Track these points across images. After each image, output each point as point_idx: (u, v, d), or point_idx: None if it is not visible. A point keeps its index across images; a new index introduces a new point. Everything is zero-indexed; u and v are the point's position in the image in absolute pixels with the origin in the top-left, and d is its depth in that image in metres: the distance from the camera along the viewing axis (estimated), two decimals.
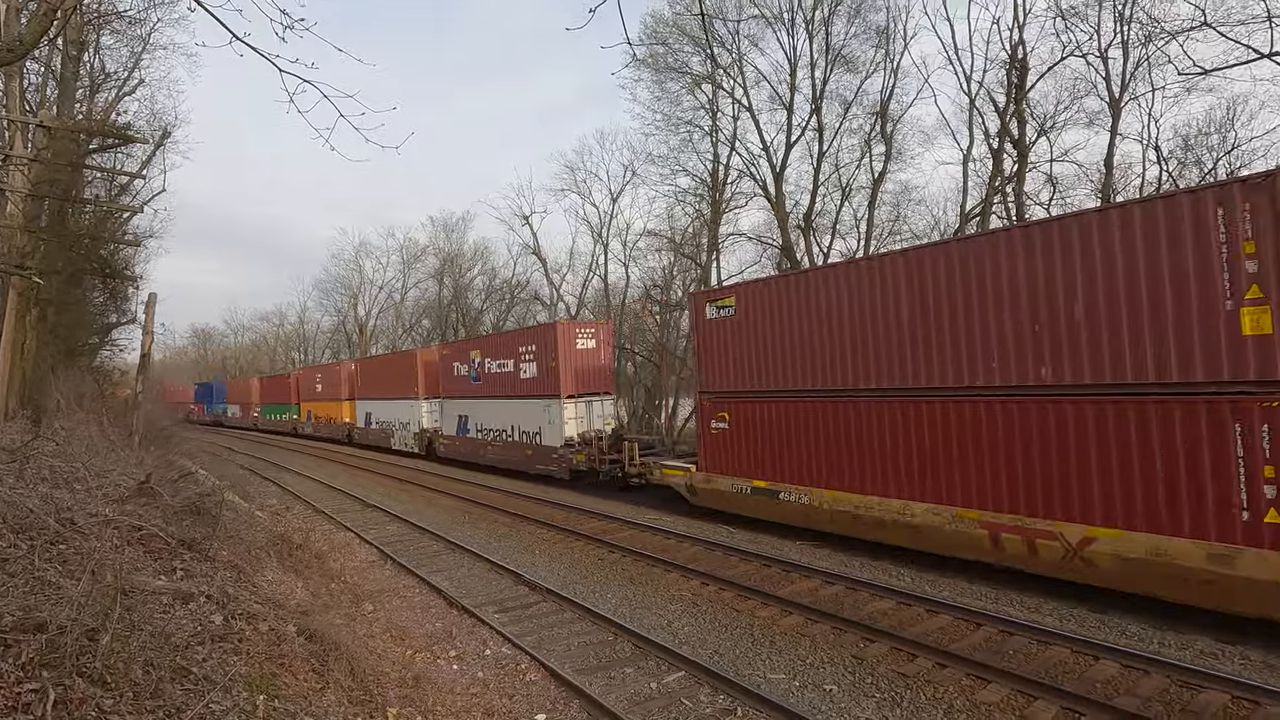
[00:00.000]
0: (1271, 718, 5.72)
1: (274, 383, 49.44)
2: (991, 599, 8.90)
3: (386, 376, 30.80)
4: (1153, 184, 20.92)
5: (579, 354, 19.65)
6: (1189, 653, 7.05)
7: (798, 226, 26.91)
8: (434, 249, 56.44)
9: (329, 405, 38.15)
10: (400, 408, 29.44)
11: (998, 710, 6.13)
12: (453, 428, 25.01)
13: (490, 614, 9.10)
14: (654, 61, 29.11)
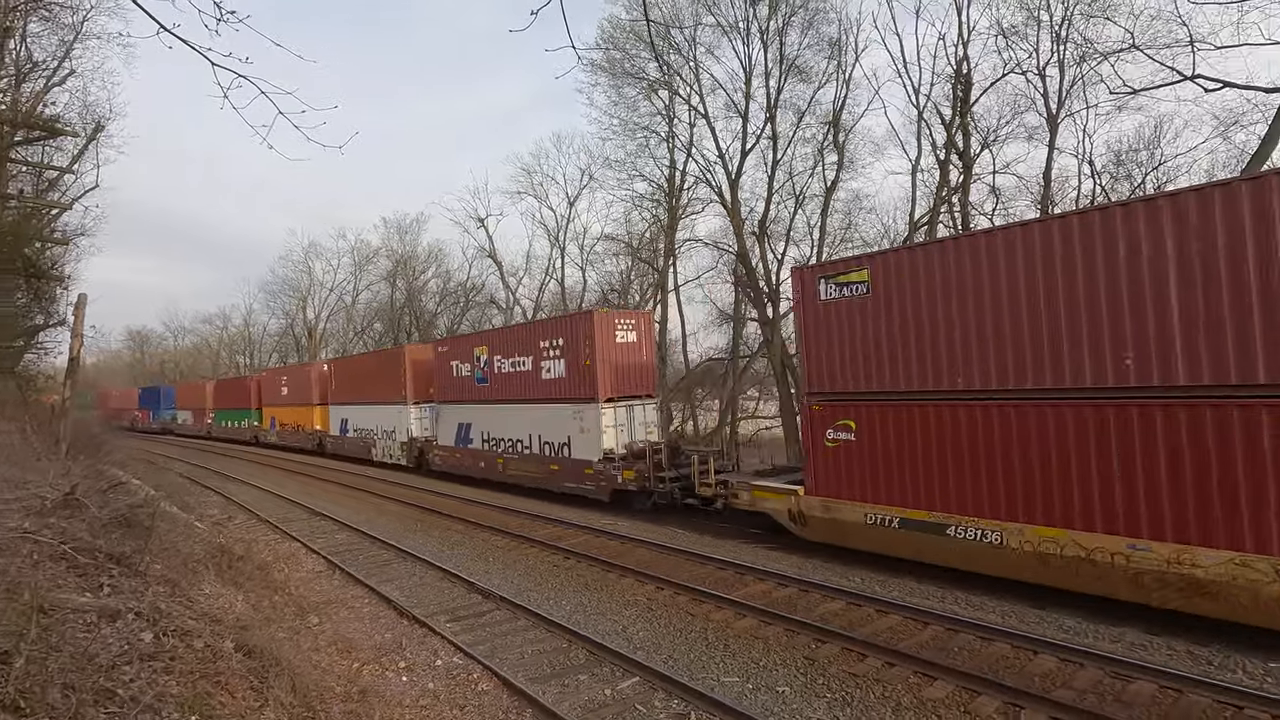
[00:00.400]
0: (1194, 705, 6.01)
1: (231, 386, 45.75)
2: (939, 598, 9.13)
3: (367, 378, 27.35)
4: (1087, 197, 21.91)
5: (619, 349, 16.56)
6: (1121, 645, 7.36)
7: (753, 233, 27.27)
8: (387, 251, 55.32)
9: (296, 411, 34.46)
10: (384, 413, 26.15)
11: (943, 706, 6.28)
12: (450, 437, 21.80)
13: (442, 623, 8.91)
14: (611, 66, 29.17)
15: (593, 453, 16.17)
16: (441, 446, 22.34)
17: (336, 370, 30.93)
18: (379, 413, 26.48)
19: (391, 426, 25.60)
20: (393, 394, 25.32)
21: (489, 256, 45.59)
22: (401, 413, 24.92)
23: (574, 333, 16.85)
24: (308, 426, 32.97)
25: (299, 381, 34.56)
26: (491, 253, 45.31)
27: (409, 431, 24.56)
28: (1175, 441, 7.44)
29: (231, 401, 43.69)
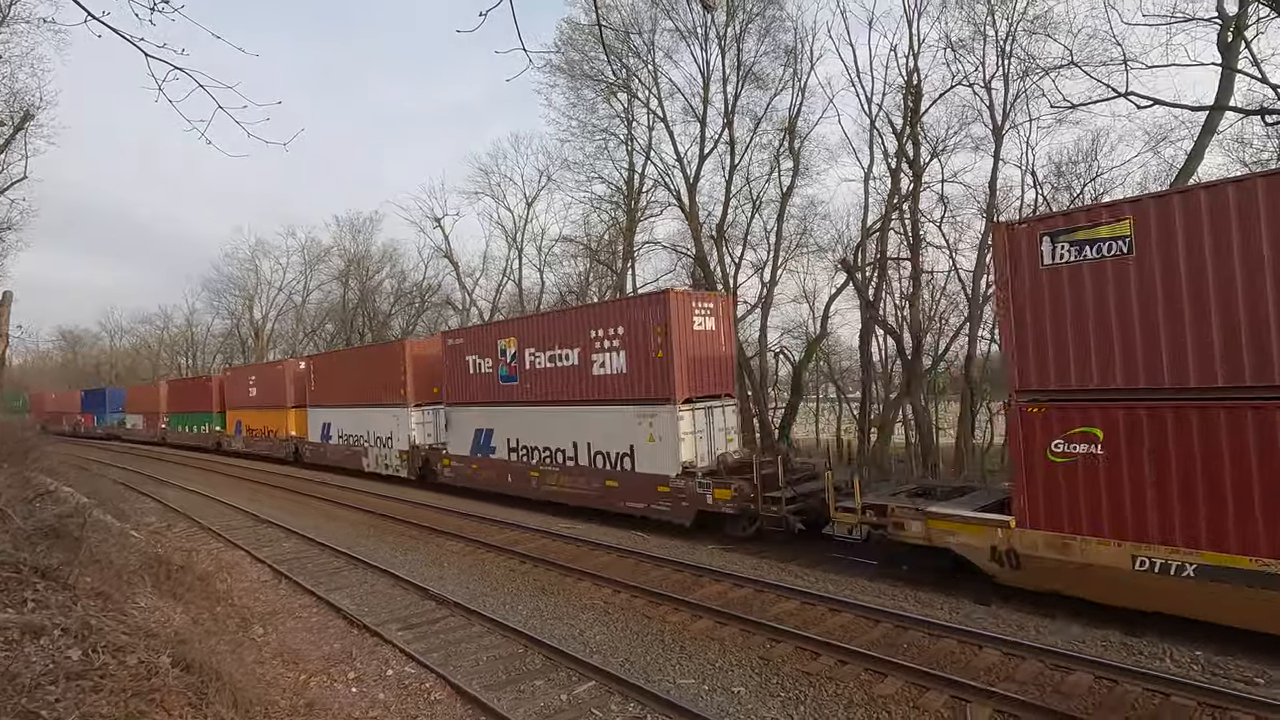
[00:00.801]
0: (1126, 694, 6.28)
1: (188, 387, 41.10)
2: (889, 596, 9.34)
3: (357, 377, 23.94)
4: (1030, 207, 22.76)
5: (696, 338, 13.70)
6: (1060, 638, 7.64)
7: (710, 237, 27.49)
8: (339, 250, 53.93)
9: (267, 415, 30.66)
10: (378, 417, 22.76)
11: (893, 702, 6.42)
12: (465, 445, 18.64)
13: (394, 631, 8.71)
14: (569, 68, 29.05)
15: (667, 465, 13.22)
16: (454, 456, 19.10)
17: (318, 368, 27.12)
18: (372, 416, 23.11)
19: (387, 432, 22.43)
20: (389, 395, 22.07)
21: (445, 257, 44.94)
22: (400, 416, 21.66)
23: (640, 318, 13.73)
24: (281, 432, 29.44)
25: (270, 381, 30.50)
26: (448, 253, 44.66)
27: (410, 438, 21.32)
28: None
29: (189, 404, 39.59)
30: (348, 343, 47.49)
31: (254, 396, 31.80)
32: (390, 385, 22.09)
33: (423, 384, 21.24)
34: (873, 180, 24.96)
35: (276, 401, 29.71)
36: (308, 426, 27.25)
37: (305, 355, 29.72)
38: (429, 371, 20.87)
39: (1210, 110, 17.00)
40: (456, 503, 17.84)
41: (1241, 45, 16.64)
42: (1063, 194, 22.78)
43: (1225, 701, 5.97)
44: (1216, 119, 17.14)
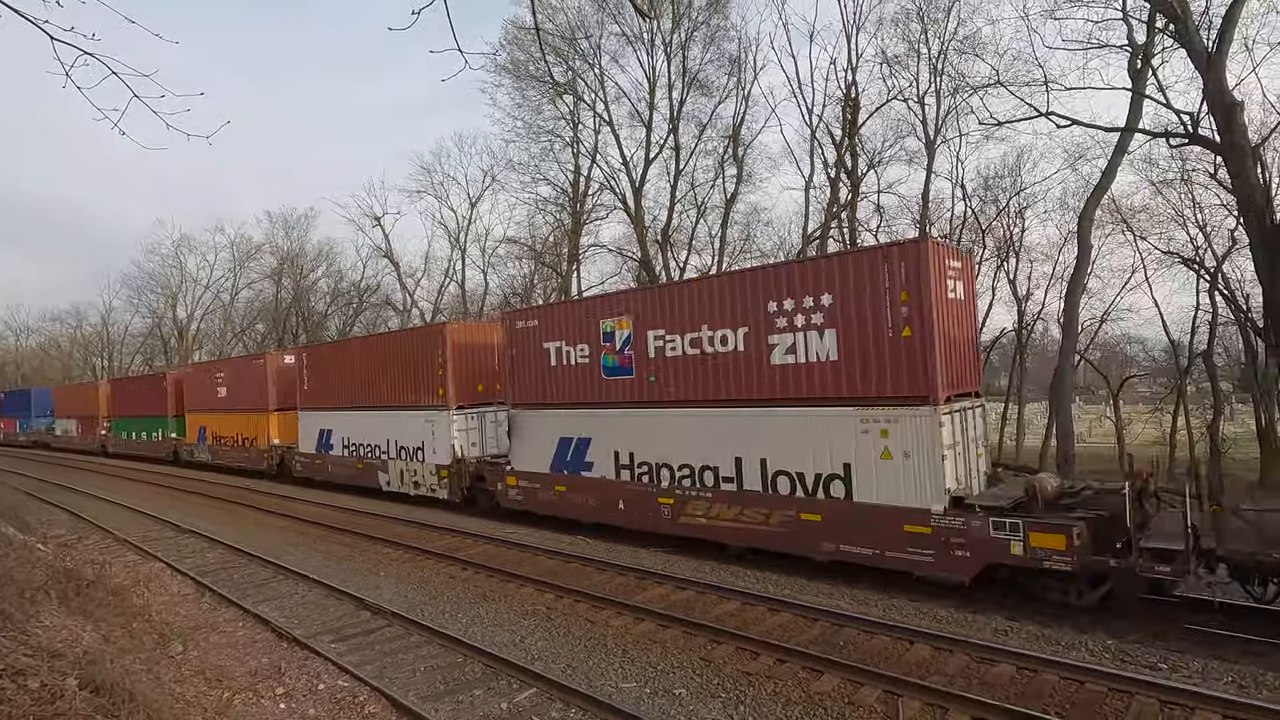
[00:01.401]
0: (1045, 682, 6.61)
1: (136, 387, 35.20)
2: (827, 594, 9.56)
3: (370, 373, 19.42)
4: (960, 218, 23.80)
5: (949, 310, 9.69)
6: (986, 631, 7.99)
7: (656, 241, 27.67)
8: (271, 247, 51.91)
9: (242, 419, 25.75)
10: (404, 423, 18.17)
11: (829, 699, 6.57)
12: (542, 459, 14.26)
13: (326, 644, 8.40)
14: (515, 68, 28.80)
15: (918, 495, 9.25)
16: (525, 474, 14.69)
17: (313, 363, 22.14)
18: (395, 421, 18.55)
19: (417, 441, 17.78)
20: (421, 395, 17.66)
21: (385, 256, 43.85)
22: (438, 422, 17.14)
23: (866, 280, 9.65)
24: (260, 440, 24.70)
25: (246, 379, 25.57)
26: (388, 252, 43.57)
27: (453, 449, 16.80)
28: None
29: (137, 407, 33.84)
30: (280, 344, 45.60)
31: (223, 397, 26.84)
32: (423, 382, 17.51)
33: (467, 380, 17.12)
34: (813, 189, 25.65)
35: (254, 403, 24.86)
36: (298, 433, 22.51)
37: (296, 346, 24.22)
38: (475, 364, 17.20)
39: (1122, 132, 18.14)
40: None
41: (1149, 72, 17.83)
42: (990, 206, 23.93)
43: (1131, 686, 6.35)
44: (1128, 140, 18.31)
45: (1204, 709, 5.93)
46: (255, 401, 24.90)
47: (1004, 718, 5.98)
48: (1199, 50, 15.03)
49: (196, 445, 29.02)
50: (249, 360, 26.97)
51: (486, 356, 17.34)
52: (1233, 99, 14.73)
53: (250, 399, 25.22)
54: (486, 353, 17.39)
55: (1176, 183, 20.97)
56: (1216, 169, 18.14)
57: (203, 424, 28.63)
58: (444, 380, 16.95)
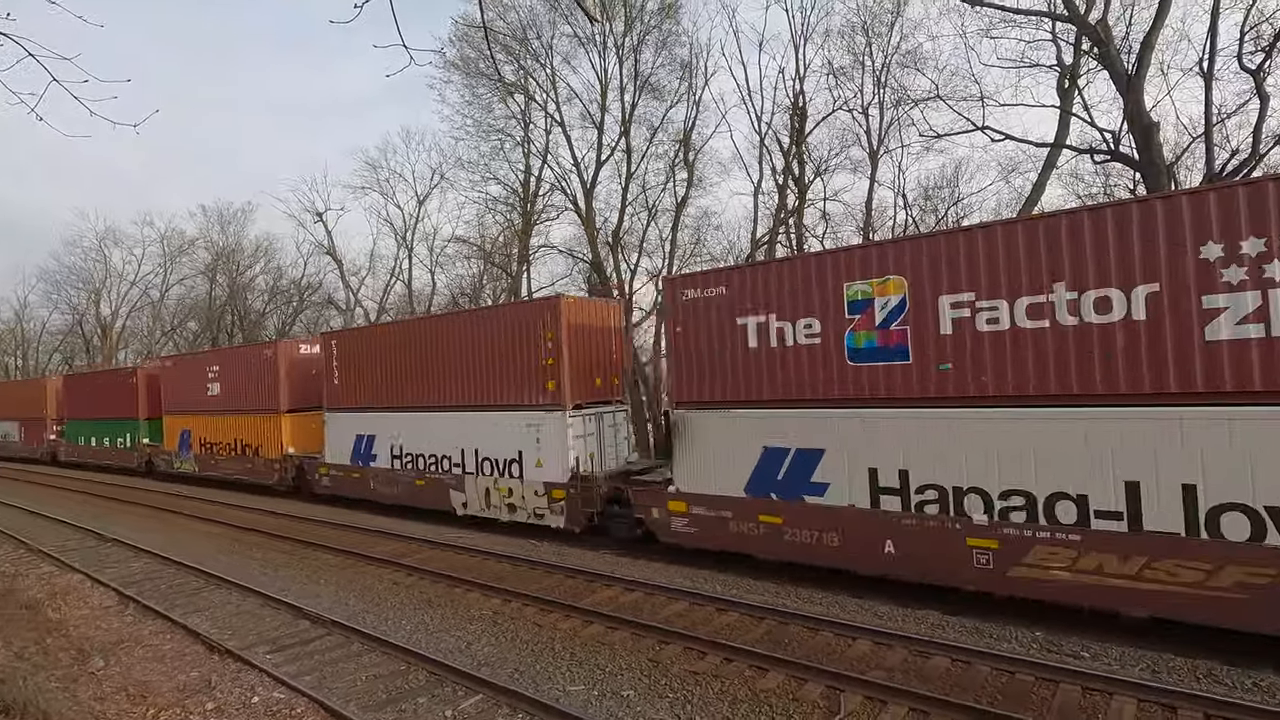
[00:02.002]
0: (978, 674, 6.89)
1: (96, 384, 29.84)
2: (774, 594, 9.72)
3: (444, 361, 15.09)
4: (901, 226, 24.59)
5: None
6: (923, 626, 8.26)
7: (607, 243, 27.67)
8: (205, 242, 49.69)
9: (242, 423, 21.27)
10: (491, 427, 14.08)
11: (774, 696, 6.69)
12: (733, 476, 10.50)
13: (261, 655, 8.08)
14: (465, 65, 28.39)
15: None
16: (702, 498, 10.79)
17: (347, 352, 17.55)
18: (477, 425, 14.34)
19: (511, 451, 13.71)
20: (520, 389, 13.54)
21: (328, 254, 42.51)
22: (546, 426, 13.09)
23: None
24: (268, 448, 20.41)
25: (249, 374, 21.02)
26: (331, 250, 42.29)
27: (568, 462, 12.83)
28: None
29: (97, 407, 28.73)
30: (214, 343, 43.70)
31: (216, 396, 22.42)
32: (523, 374, 13.50)
33: (586, 372, 13.36)
34: (762, 195, 26.10)
35: (260, 403, 20.52)
36: (324, 440, 18.21)
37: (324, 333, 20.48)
38: (592, 351, 13.60)
39: (1051, 147, 19.08)
40: None
41: (1076, 92, 18.81)
42: (929, 215, 24.82)
43: (1057, 675, 6.68)
44: (1056, 155, 19.26)
45: (1120, 693, 6.28)
46: (261, 401, 20.48)
47: (938, 708, 6.20)
48: (1120, 72, 15.95)
49: (178, 454, 24.28)
50: (253, 351, 21.85)
51: (602, 342, 13.76)
52: (1150, 119, 15.69)
53: (254, 398, 20.79)
54: (602, 337, 13.73)
55: (1100, 197, 22.19)
56: (1136, 185, 19.25)
57: (186, 427, 23.92)
58: (557, 371, 12.86)
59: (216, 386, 22.53)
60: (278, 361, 19.99)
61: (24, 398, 35.69)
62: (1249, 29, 15.57)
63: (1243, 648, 6.92)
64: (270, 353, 20.48)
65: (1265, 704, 5.99)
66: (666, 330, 11.18)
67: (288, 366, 19.96)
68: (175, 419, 24.49)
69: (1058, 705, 6.24)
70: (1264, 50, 15.20)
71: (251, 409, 20.92)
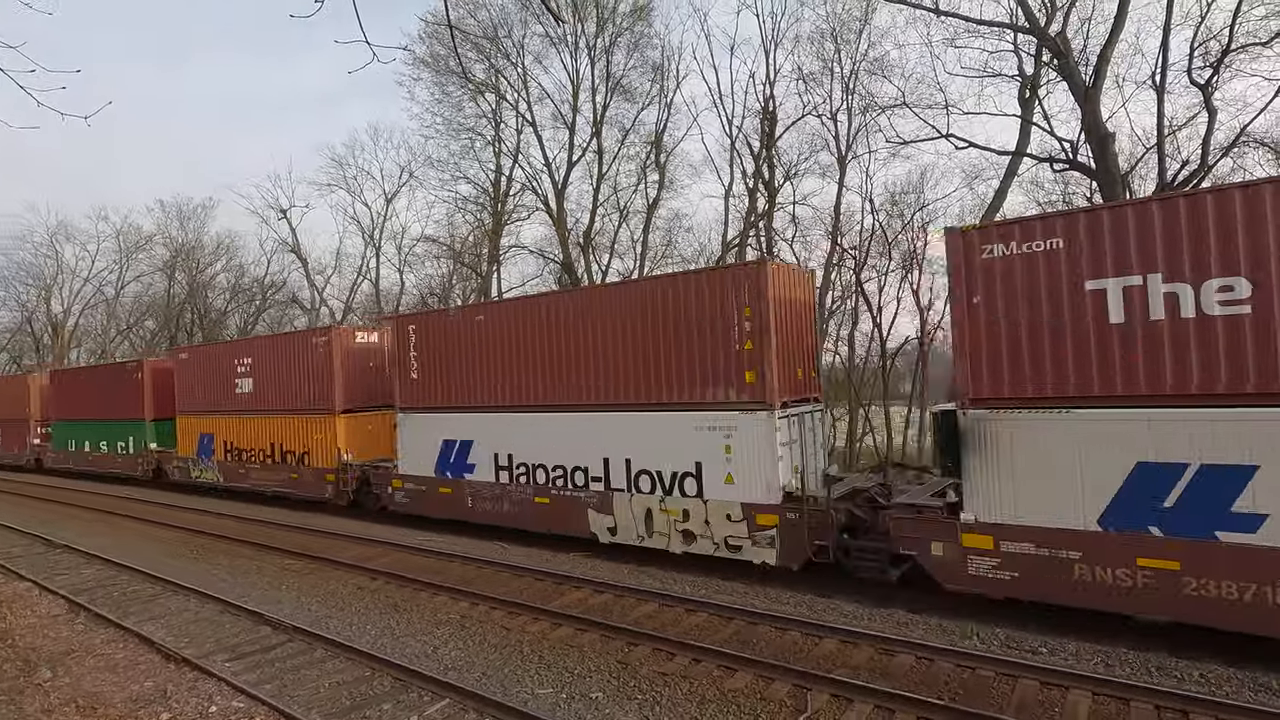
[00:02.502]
0: (940, 670, 7.03)
1: (93, 380, 25.87)
2: (742, 594, 9.78)
3: (582, 346, 11.95)
4: (868, 231, 24.98)
5: None
6: (889, 624, 8.39)
7: (578, 244, 27.61)
8: (164, 238, 48.21)
9: (282, 425, 17.93)
10: (655, 431, 11.14)
11: (743, 695, 6.73)
12: (1083, 502, 7.54)
13: (220, 663, 7.87)
14: (434, 63, 28.09)
15: None
16: (1030, 531, 7.85)
17: (430, 338, 14.20)
18: (635, 427, 11.33)
19: (685, 462, 10.80)
20: (702, 384, 10.61)
21: (292, 251, 41.64)
22: (742, 430, 10.22)
23: None
24: (316, 456, 17.05)
25: (293, 365, 17.74)
26: (295, 247, 41.44)
27: (777, 477, 10.02)
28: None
29: (93, 407, 25.11)
30: (173, 342, 42.44)
31: (247, 394, 19.01)
32: (704, 363, 10.55)
33: (787, 358, 10.52)
34: (732, 198, 26.30)
35: (308, 402, 17.23)
36: (397, 446, 14.90)
37: (399, 315, 16.82)
38: (794, 330, 10.81)
39: (1012, 155, 19.57)
40: None
41: (1036, 102, 19.33)
42: (896, 220, 25.27)
43: (1016, 670, 6.84)
44: (1017, 163, 19.76)
45: (1076, 687, 6.46)
46: (309, 399, 17.15)
47: (902, 705, 6.30)
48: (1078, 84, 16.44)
49: (197, 461, 20.60)
50: (299, 340, 18.21)
51: (801, 320, 11.08)
52: (1106, 130, 16.20)
53: (299, 396, 17.50)
54: (802, 314, 11.13)
55: (1059, 204, 22.84)
56: (1092, 193, 19.87)
57: (208, 431, 20.24)
58: (758, 358, 10.01)
59: (248, 382, 19.01)
60: (332, 352, 16.62)
61: (2, 396, 31.77)
62: (1198, 45, 16.18)
63: (1191, 641, 7.18)
64: (323, 341, 17.01)
65: (1211, 694, 6.22)
66: (956, 299, 8.34)
67: (343, 357, 16.76)
68: (192, 420, 20.90)
69: (1017, 699, 6.39)
70: (1212, 66, 15.81)
71: (295, 409, 17.61)
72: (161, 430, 22.68)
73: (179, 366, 21.54)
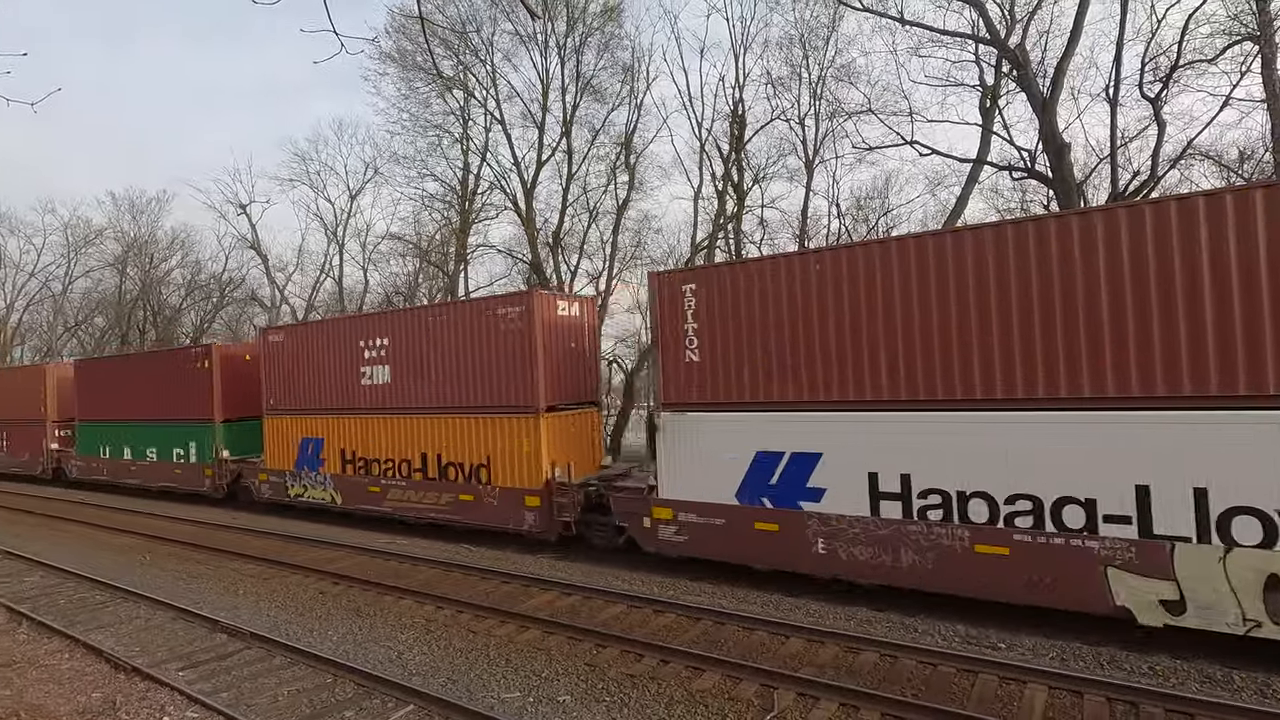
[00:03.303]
0: (904, 667, 7.15)
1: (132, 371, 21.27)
2: (709, 594, 9.83)
3: (1089, 310, 7.44)
4: (835, 235, 25.35)
5: None
6: (853, 622, 8.51)
7: (547, 244, 27.44)
8: (115, 232, 46.50)
9: (444, 428, 13.57)
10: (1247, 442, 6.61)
11: (710, 695, 6.76)
12: None
13: (173, 672, 7.61)
14: (401, 57, 27.65)
15: None
16: None
17: (737, 298, 9.92)
18: (1205, 437, 6.87)
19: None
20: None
21: (252, 248, 40.56)
22: None
23: None
24: (506, 470, 12.69)
25: (460, 347, 13.36)
26: (255, 244, 40.37)
27: None
28: None
29: (133, 405, 20.59)
30: (123, 340, 40.98)
31: (380, 386, 14.51)
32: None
33: None
34: (701, 200, 26.41)
35: (487, 396, 12.91)
36: (664, 462, 10.62)
37: (669, 272, 11.15)
38: None
39: (973, 163, 20.06)
40: None
41: (996, 111, 19.85)
42: (861, 225, 25.70)
43: (976, 666, 7.00)
44: (978, 171, 20.26)
45: (1033, 681, 6.64)
46: (491, 392, 12.83)
47: (867, 702, 6.40)
48: (1036, 95, 16.93)
49: (299, 475, 16.06)
50: (472, 310, 13.40)
51: None
52: (1063, 140, 16.71)
53: (470, 388, 13.13)
54: None
55: (1017, 211, 23.49)
56: (1049, 201, 20.47)
57: (316, 435, 15.79)
58: None
59: (382, 371, 14.39)
60: (533, 324, 12.24)
61: (11, 391, 26.00)
62: (1149, 60, 16.81)
63: (1139, 636, 7.44)
64: (516, 313, 12.44)
65: (1159, 686, 6.45)
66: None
67: (544, 331, 12.44)
68: (293, 421, 16.29)
69: (977, 694, 6.53)
70: (1161, 80, 16.43)
71: (466, 406, 13.19)
72: (237, 434, 18.33)
73: (268, 351, 16.77)
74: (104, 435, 21.84)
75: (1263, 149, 16.83)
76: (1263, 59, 15.19)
